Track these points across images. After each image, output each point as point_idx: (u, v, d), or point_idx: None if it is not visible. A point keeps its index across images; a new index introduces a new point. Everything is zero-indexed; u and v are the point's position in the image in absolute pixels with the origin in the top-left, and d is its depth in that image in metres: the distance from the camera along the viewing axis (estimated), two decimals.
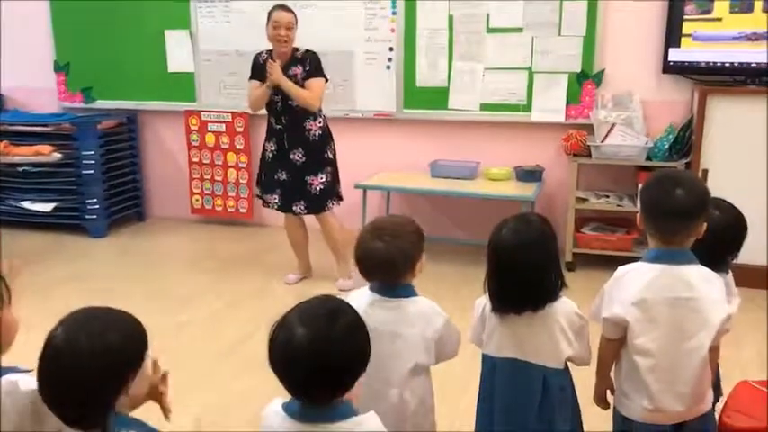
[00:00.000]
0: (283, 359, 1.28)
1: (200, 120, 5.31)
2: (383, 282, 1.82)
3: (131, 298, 3.92)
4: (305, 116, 3.87)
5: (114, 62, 5.43)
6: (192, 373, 2.84)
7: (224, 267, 4.49)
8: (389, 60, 4.85)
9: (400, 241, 1.78)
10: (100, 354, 1.21)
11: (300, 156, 3.91)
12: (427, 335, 1.79)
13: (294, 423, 1.32)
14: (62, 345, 1.23)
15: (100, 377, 1.21)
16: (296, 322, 1.29)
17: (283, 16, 3.79)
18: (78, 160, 5.08)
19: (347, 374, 1.31)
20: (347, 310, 1.37)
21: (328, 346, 1.27)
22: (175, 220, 5.58)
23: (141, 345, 1.32)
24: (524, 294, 1.76)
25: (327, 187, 3.96)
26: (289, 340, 1.28)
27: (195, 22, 5.20)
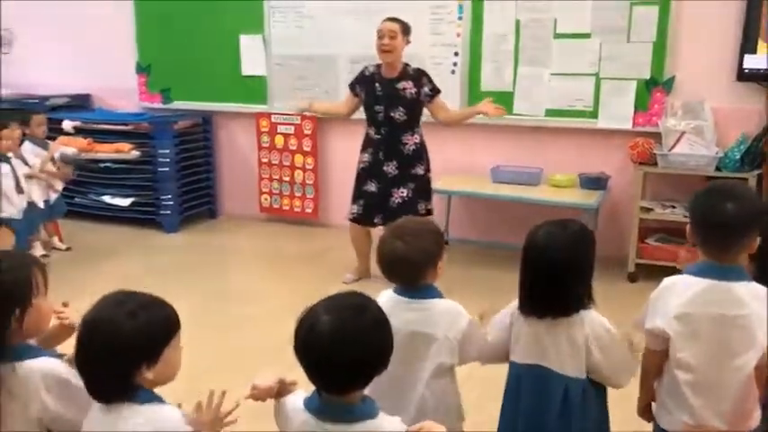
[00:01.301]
0: (306, 346, 1.34)
1: (270, 122, 5.49)
2: (405, 283, 1.86)
3: (198, 291, 4.12)
4: (403, 130, 3.96)
5: (192, 65, 5.67)
6: (248, 365, 2.97)
7: (287, 265, 4.64)
8: (454, 65, 4.88)
9: (421, 241, 1.81)
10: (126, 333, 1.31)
11: (393, 168, 3.99)
12: (450, 335, 1.83)
13: (314, 420, 1.37)
14: (88, 325, 1.34)
15: (122, 355, 1.30)
16: (322, 311, 1.35)
17: (385, 25, 3.87)
18: (155, 158, 5.34)
19: (366, 368, 1.34)
20: (373, 306, 1.41)
21: (350, 336, 1.32)
22: (245, 218, 5.78)
23: (166, 329, 1.39)
24: (548, 298, 1.77)
25: (406, 202, 4.00)
26: (312, 327, 1.33)
27: (268, 26, 5.37)
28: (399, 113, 3.95)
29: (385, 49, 3.86)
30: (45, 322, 1.54)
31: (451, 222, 5.08)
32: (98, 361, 1.32)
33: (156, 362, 1.34)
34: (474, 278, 4.31)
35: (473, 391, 2.83)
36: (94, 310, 1.35)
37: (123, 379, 1.32)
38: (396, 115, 3.94)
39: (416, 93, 3.94)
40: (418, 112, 4.03)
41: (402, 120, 3.95)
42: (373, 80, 3.99)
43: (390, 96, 3.93)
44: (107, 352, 1.31)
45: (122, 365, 1.32)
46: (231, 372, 3.01)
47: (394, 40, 3.86)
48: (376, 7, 4.87)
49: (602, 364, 1.80)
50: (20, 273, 1.47)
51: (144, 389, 1.35)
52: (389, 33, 3.84)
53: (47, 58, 6.19)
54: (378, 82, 3.97)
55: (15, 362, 1.45)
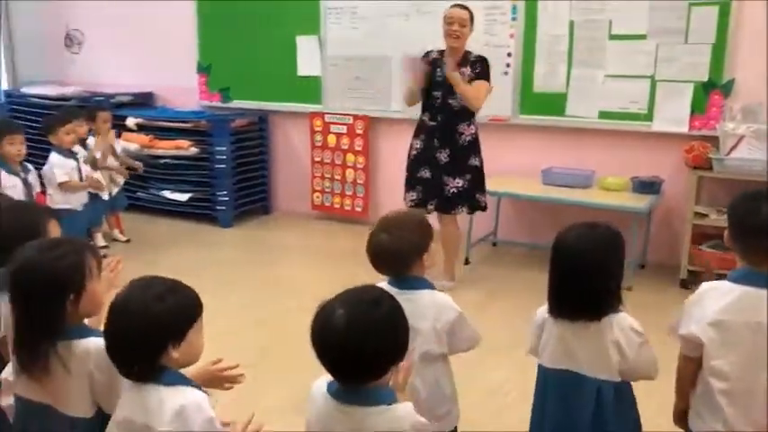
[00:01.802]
0: (321, 338, 1.39)
1: (323, 121, 5.59)
2: (392, 274, 1.92)
3: (250, 283, 4.26)
4: (460, 118, 3.95)
5: (250, 65, 5.82)
6: (292, 354, 3.05)
7: (336, 261, 4.71)
8: (507, 66, 4.87)
9: (406, 233, 1.87)
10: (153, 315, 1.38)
11: (446, 156, 3.99)
12: (438, 326, 1.89)
13: (333, 402, 1.43)
14: (118, 306, 1.41)
15: (150, 335, 1.38)
16: (337, 305, 1.40)
17: (456, 11, 3.90)
18: (212, 155, 5.51)
19: (380, 360, 1.39)
20: (389, 301, 1.46)
21: (364, 329, 1.37)
22: (297, 215, 5.90)
23: (190, 311, 1.45)
24: (578, 301, 1.77)
25: (462, 192, 4.01)
26: (328, 321, 1.38)
27: (324, 28, 5.47)
28: (456, 100, 3.93)
29: (454, 35, 3.88)
30: (98, 305, 1.62)
31: (500, 224, 5.07)
32: (127, 341, 1.40)
33: (181, 342, 1.41)
34: (520, 280, 4.30)
35: (509, 395, 2.86)
36: (123, 294, 1.43)
37: (150, 359, 1.40)
38: (452, 102, 3.94)
39: (472, 79, 3.92)
40: None
41: (458, 107, 3.94)
42: (435, 65, 3.98)
43: (448, 83, 3.90)
44: (135, 332, 1.38)
45: (149, 345, 1.39)
46: (273, 360, 3.11)
47: (463, 28, 3.88)
48: (428, 8, 4.92)
49: (636, 365, 1.79)
50: (74, 258, 1.56)
51: (170, 370, 1.42)
52: (459, 21, 3.87)
53: (113, 58, 6.47)
54: (439, 67, 3.96)
55: (73, 340, 1.56)
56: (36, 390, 1.59)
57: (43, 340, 1.53)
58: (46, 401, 1.60)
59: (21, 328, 1.57)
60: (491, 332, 3.52)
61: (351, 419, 1.41)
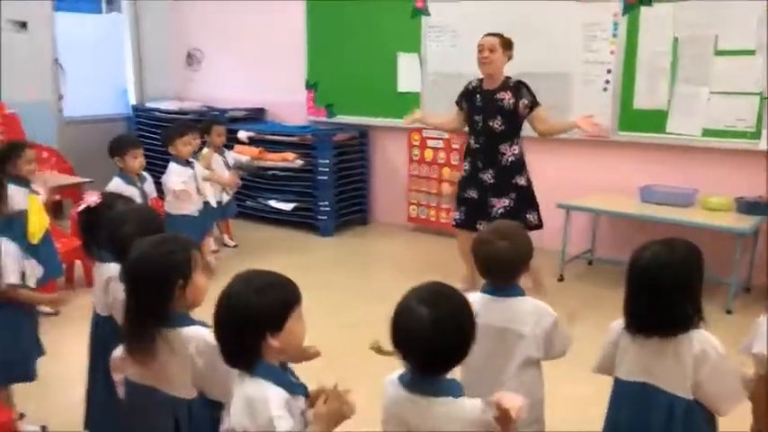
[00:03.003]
0: (405, 333, 1.51)
1: (421, 136, 5.74)
2: (501, 281, 1.99)
3: (345, 288, 4.46)
4: (502, 139, 4.05)
5: (353, 82, 6.08)
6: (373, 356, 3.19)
7: (428, 272, 4.76)
8: (607, 83, 4.83)
9: (521, 242, 1.98)
10: (252, 306, 1.49)
11: (490, 177, 4.09)
12: (537, 332, 1.94)
13: (405, 392, 1.54)
14: (222, 299, 1.53)
15: (249, 325, 1.49)
16: (417, 302, 1.51)
17: (486, 40, 4.04)
18: (316, 167, 5.79)
19: (460, 351, 1.51)
20: (458, 295, 1.56)
21: (448, 323, 1.48)
22: (394, 227, 6.07)
23: (288, 302, 1.54)
24: (654, 318, 1.78)
25: (509, 212, 4.05)
26: (411, 317, 1.50)
27: (425, 45, 5.64)
28: (497, 123, 4.04)
29: (484, 61, 4.02)
30: (201, 295, 1.79)
31: (597, 241, 5.01)
32: (229, 331, 1.52)
33: (279, 331, 1.50)
34: (615, 298, 4.23)
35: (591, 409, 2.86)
36: (227, 287, 1.55)
37: (251, 348, 1.50)
38: (494, 125, 4.04)
39: (514, 104, 4.00)
40: (517, 123, 4.06)
41: (500, 129, 4.04)
42: (475, 92, 4.14)
43: (489, 107, 4.03)
44: (235, 323, 1.50)
45: (249, 335, 1.49)
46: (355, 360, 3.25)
47: (493, 54, 3.99)
48: (526, 27, 4.98)
49: (707, 386, 1.77)
50: (182, 252, 1.75)
51: (264, 363, 1.51)
52: (489, 47, 4.00)
53: (229, 76, 6.94)
54: (479, 94, 4.11)
55: (177, 328, 1.74)
56: (142, 372, 1.77)
57: (150, 327, 1.71)
58: (150, 383, 1.77)
59: (131, 316, 1.75)
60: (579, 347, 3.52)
61: (417, 407, 1.52)
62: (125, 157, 4.07)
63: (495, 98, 4.02)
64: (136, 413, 1.84)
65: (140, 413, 1.82)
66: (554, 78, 4.98)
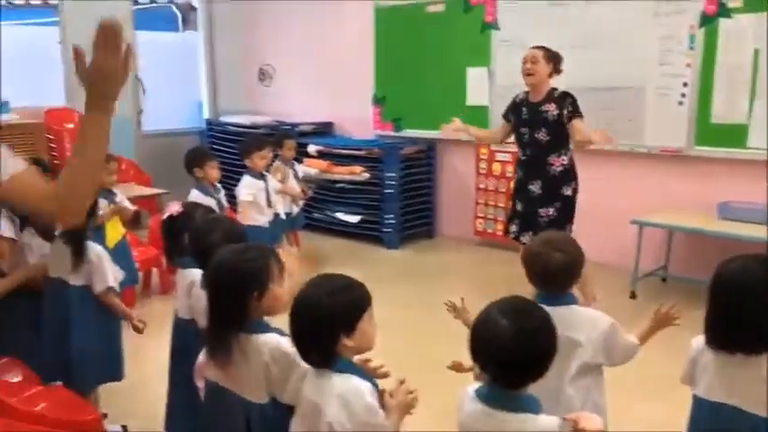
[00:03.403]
0: (482, 343, 1.52)
1: (489, 150, 5.72)
2: (556, 291, 2.00)
3: (411, 302, 4.46)
4: (549, 150, 4.02)
5: (421, 96, 6.12)
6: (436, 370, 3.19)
7: (492, 286, 4.74)
8: (683, 96, 4.71)
9: (574, 251, 2.00)
10: (325, 308, 1.57)
11: (538, 188, 4.07)
12: (593, 337, 1.95)
13: (482, 405, 1.54)
14: (298, 301, 1.61)
15: (323, 325, 1.56)
16: (499, 315, 1.52)
17: (529, 52, 4.05)
18: (382, 181, 5.85)
19: (539, 365, 1.50)
20: (539, 310, 1.57)
21: (529, 337, 1.49)
22: (459, 240, 6.06)
23: (359, 305, 1.62)
24: (738, 333, 1.73)
25: (552, 221, 4.02)
26: (493, 330, 1.50)
27: (494, 59, 5.63)
28: (542, 134, 4.02)
29: (527, 72, 4.02)
30: (279, 305, 1.83)
31: (672, 258, 4.87)
32: (305, 331, 1.60)
33: (353, 331, 1.58)
34: (690, 318, 4.10)
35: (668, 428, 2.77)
36: (302, 291, 1.64)
37: (325, 346, 1.59)
38: (539, 136, 4.02)
39: (558, 115, 3.96)
40: (563, 134, 4.01)
41: (545, 141, 4.01)
42: (521, 105, 4.14)
43: (534, 118, 4.02)
44: (310, 323, 1.58)
45: (323, 335, 1.58)
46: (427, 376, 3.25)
47: (535, 65, 3.98)
48: (599, 40, 4.92)
49: None
50: (260, 261, 1.80)
51: (342, 359, 1.60)
52: (531, 59, 4.00)
53: (299, 91, 7.10)
54: (524, 106, 4.11)
55: (253, 334, 1.79)
56: (221, 375, 1.83)
57: (229, 331, 1.77)
58: (228, 386, 1.83)
59: (211, 320, 1.81)
60: (653, 368, 3.43)
61: (494, 422, 1.52)
62: (204, 167, 4.22)
63: (540, 110, 4.01)
64: (213, 414, 1.90)
65: (216, 414, 1.88)
66: (627, 92, 4.89)
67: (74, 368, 2.62)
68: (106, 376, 2.75)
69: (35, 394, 2.26)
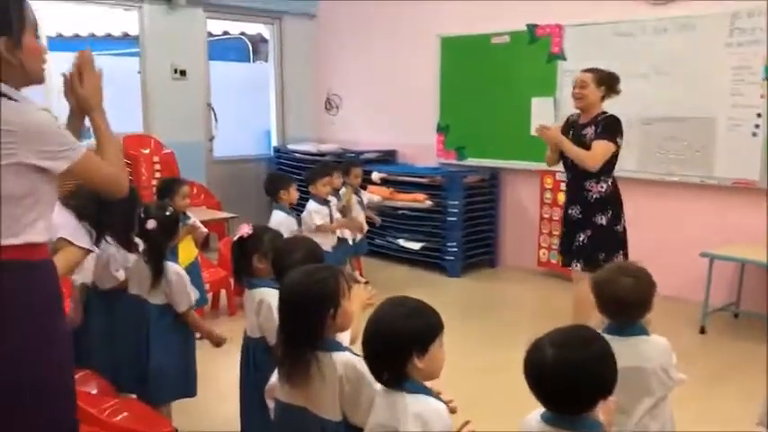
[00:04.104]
0: (533, 374, 1.54)
1: (554, 179, 5.69)
2: (627, 320, 2.00)
3: (473, 331, 4.45)
4: (586, 176, 3.91)
5: (484, 125, 6.15)
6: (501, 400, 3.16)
7: (555, 318, 4.70)
8: (756, 127, 4.59)
9: (645, 281, 2.00)
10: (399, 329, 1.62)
11: (577, 212, 3.98)
12: (663, 366, 1.96)
13: (546, 426, 1.56)
14: (372, 321, 1.66)
15: (396, 346, 1.61)
16: (547, 344, 1.53)
17: (579, 75, 3.98)
18: (445, 208, 5.88)
19: (587, 394, 1.51)
20: (599, 341, 1.57)
21: (571, 367, 1.49)
22: (522, 270, 6.01)
23: (433, 329, 1.66)
24: None
25: (582, 247, 3.93)
26: (537, 357, 1.53)
27: (560, 89, 5.62)
28: None
29: (575, 96, 3.95)
30: (349, 321, 1.91)
31: (744, 293, 4.71)
32: (379, 350, 1.65)
33: (424, 354, 1.62)
34: (764, 355, 3.96)
35: None
36: (377, 311, 1.70)
37: (397, 367, 1.63)
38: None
39: (594, 139, 3.84)
40: None
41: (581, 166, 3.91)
42: (570, 126, 4.06)
43: (576, 141, 3.91)
44: (383, 344, 1.63)
45: (395, 356, 1.62)
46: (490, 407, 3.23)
47: (584, 90, 3.89)
48: (669, 69, 4.87)
49: None
50: (333, 280, 1.86)
51: (414, 381, 1.63)
52: (581, 83, 3.92)
53: (364, 120, 7.24)
54: (572, 127, 4.03)
55: (327, 352, 1.84)
56: (295, 394, 1.88)
57: (306, 350, 1.82)
58: (303, 404, 1.88)
59: (286, 340, 1.87)
60: (725, 407, 3.31)
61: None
62: (289, 189, 4.39)
63: (582, 133, 3.93)
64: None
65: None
66: (697, 122, 4.81)
67: (150, 383, 2.73)
68: (180, 392, 2.85)
69: (113, 406, 2.37)
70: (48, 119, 1.71)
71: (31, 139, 1.64)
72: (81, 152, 1.74)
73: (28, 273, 1.69)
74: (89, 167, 1.78)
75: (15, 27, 1.67)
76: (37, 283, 1.72)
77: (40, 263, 1.74)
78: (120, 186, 1.88)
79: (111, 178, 1.84)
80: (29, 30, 1.71)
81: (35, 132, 1.65)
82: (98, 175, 1.81)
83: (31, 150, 1.64)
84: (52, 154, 1.68)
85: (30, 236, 1.69)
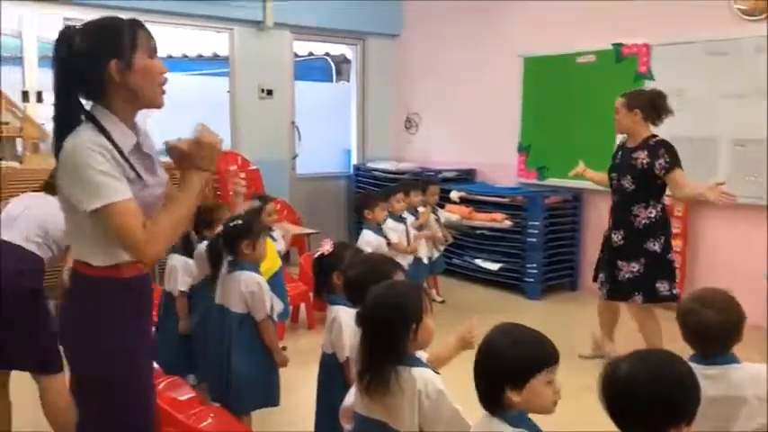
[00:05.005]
0: (606, 392, 1.50)
1: None
2: (709, 350, 1.92)
3: None
4: (634, 200, 3.83)
5: (567, 145, 6.05)
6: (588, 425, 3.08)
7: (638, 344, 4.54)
8: None
9: (730, 310, 1.92)
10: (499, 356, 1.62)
11: (620, 238, 3.88)
12: (760, 394, 1.85)
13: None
14: (482, 345, 1.67)
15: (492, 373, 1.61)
16: (623, 363, 1.49)
17: (616, 101, 3.96)
18: (525, 229, 5.80)
19: (662, 419, 1.45)
20: (678, 365, 1.52)
21: (645, 388, 1.45)
22: None
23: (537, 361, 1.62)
24: None
25: (636, 278, 3.81)
26: (612, 376, 1.49)
27: None
28: (628, 182, 3.85)
29: (615, 121, 3.97)
30: (430, 338, 1.90)
31: None
32: (478, 374, 1.66)
33: (521, 388, 1.58)
34: None
35: None
36: (490, 334, 1.69)
37: (492, 394, 1.62)
38: (625, 183, 3.86)
39: (648, 164, 3.76)
40: (651, 184, 3.80)
41: (631, 189, 3.83)
42: (619, 149, 4.04)
43: (624, 165, 3.90)
44: (484, 368, 1.64)
45: (490, 382, 1.62)
46: None
47: (617, 114, 3.93)
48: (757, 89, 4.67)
49: None
50: (415, 296, 1.88)
51: (511, 411, 1.61)
52: (616, 109, 3.94)
53: (443, 139, 7.27)
54: (621, 151, 4.00)
55: (408, 367, 1.85)
56: (373, 407, 1.89)
57: (387, 365, 1.83)
58: (383, 419, 1.89)
59: (368, 355, 1.88)
60: None
61: None
62: (374, 209, 4.46)
63: (631, 156, 3.86)
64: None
65: None
66: None
67: (232, 391, 2.82)
68: (260, 401, 2.92)
69: (199, 413, 2.46)
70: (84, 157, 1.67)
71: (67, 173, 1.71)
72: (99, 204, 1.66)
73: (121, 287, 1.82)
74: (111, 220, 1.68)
75: (126, 49, 1.74)
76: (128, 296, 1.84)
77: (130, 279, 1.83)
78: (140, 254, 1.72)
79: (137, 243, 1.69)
80: (141, 51, 1.76)
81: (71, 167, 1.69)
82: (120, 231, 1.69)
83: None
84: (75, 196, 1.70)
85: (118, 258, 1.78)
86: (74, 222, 1.79)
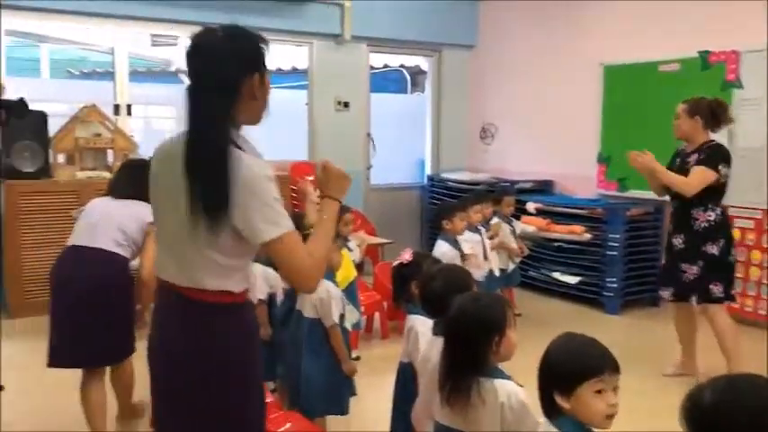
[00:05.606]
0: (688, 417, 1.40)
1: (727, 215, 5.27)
2: None
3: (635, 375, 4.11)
4: (692, 204, 3.87)
5: None
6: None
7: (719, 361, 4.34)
8: None
9: None
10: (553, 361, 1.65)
11: (680, 241, 3.92)
12: None
13: None
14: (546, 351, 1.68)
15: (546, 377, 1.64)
16: (708, 387, 1.40)
17: (677, 107, 4.05)
18: (605, 242, 5.65)
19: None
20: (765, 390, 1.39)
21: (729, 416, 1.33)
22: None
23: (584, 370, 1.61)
24: None
25: (695, 280, 3.86)
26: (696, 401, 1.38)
27: (736, 119, 5.22)
28: None
29: (674, 126, 4.05)
30: (512, 351, 1.89)
31: None
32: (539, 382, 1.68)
33: (569, 395, 1.60)
34: None
35: None
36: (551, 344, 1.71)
37: (546, 399, 1.65)
38: None
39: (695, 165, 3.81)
40: (707, 187, 3.83)
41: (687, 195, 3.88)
42: (678, 155, 4.11)
43: (681, 169, 3.97)
44: (539, 374, 1.67)
45: (543, 387, 1.66)
46: None
47: (677, 120, 4.02)
48: None
49: None
50: (498, 307, 1.89)
51: (565, 418, 1.62)
52: (676, 114, 4.03)
53: (520, 149, 7.18)
54: (679, 156, 4.08)
55: (491, 378, 1.85)
56: (454, 417, 1.89)
57: (470, 375, 1.84)
58: (464, 429, 1.89)
59: (450, 365, 1.89)
60: None
61: None
62: (453, 219, 4.45)
63: (687, 161, 3.92)
64: None
65: None
66: None
67: (302, 395, 2.86)
68: (328, 407, 2.94)
69: (276, 418, 2.51)
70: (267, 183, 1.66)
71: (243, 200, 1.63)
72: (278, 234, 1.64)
73: (234, 312, 1.76)
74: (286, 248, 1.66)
75: (263, 64, 1.75)
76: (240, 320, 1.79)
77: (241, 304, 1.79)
78: (307, 282, 1.73)
79: (308, 270, 1.69)
80: (268, 68, 1.78)
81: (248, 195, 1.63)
82: (294, 260, 1.67)
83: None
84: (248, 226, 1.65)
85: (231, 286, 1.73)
86: (222, 251, 1.68)
